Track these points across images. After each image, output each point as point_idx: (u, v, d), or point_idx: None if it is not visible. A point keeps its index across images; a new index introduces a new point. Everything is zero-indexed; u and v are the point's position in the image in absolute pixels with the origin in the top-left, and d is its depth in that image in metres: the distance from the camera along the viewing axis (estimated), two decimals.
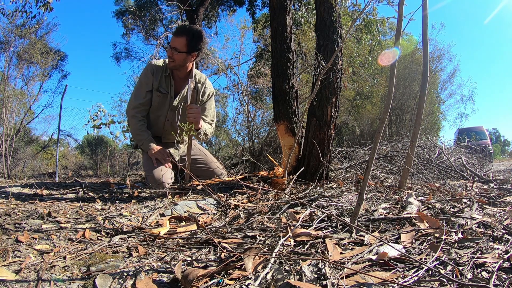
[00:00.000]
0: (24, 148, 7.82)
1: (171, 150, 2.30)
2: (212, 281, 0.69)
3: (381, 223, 1.03)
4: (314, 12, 4.37)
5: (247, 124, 3.68)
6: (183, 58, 2.06)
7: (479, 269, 0.68)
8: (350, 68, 4.87)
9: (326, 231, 0.98)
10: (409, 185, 1.81)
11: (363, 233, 0.92)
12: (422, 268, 0.68)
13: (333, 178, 2.03)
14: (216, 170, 2.34)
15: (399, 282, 0.62)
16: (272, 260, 0.75)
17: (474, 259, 0.72)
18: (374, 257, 0.76)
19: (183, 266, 0.78)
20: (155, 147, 2.10)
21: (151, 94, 2.13)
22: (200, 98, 2.26)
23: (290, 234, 0.92)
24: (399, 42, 1.13)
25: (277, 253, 0.79)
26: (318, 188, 1.66)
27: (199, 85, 2.24)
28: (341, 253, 0.81)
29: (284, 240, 0.87)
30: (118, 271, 0.75)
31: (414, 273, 0.67)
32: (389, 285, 0.62)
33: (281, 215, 1.19)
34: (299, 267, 0.72)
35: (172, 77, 2.15)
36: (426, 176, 2.31)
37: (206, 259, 0.83)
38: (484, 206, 1.26)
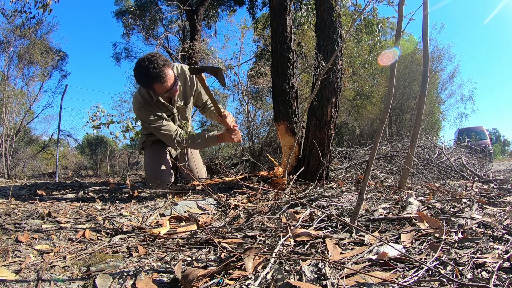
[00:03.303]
0: (24, 148, 7.81)
1: (172, 150, 2.30)
2: (212, 281, 0.69)
3: (381, 223, 1.03)
4: (314, 12, 4.37)
5: (247, 124, 3.68)
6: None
7: (479, 269, 0.68)
8: (350, 68, 4.87)
9: (326, 231, 0.98)
10: (409, 185, 1.81)
11: (363, 233, 0.92)
12: (422, 268, 0.68)
13: (333, 178, 2.03)
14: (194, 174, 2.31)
15: (399, 282, 0.62)
16: (272, 260, 0.75)
17: (474, 259, 0.72)
18: (374, 257, 0.76)
19: (183, 266, 0.78)
20: (219, 133, 2.09)
21: (162, 118, 2.03)
22: (195, 89, 2.18)
23: (290, 234, 0.92)
24: (399, 42, 1.13)
25: (277, 253, 0.79)
26: (318, 188, 1.66)
27: (187, 79, 2.11)
28: (341, 253, 0.81)
29: (284, 240, 0.87)
30: (118, 271, 0.75)
31: (414, 273, 0.67)
32: (389, 285, 0.62)
33: (281, 215, 1.19)
34: (299, 267, 0.72)
35: (160, 97, 2.00)
36: (426, 176, 2.31)
37: (206, 259, 0.83)
38: (484, 206, 1.26)
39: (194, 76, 2.12)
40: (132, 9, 10.79)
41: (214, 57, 4.01)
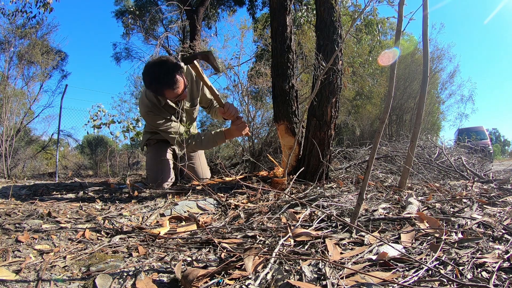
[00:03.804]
0: (24, 148, 7.81)
1: (176, 149, 2.30)
2: (212, 281, 0.69)
3: (381, 223, 1.03)
4: (314, 12, 4.36)
5: (247, 124, 3.68)
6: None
7: (479, 269, 0.68)
8: (350, 68, 4.87)
9: (326, 231, 0.98)
10: (409, 185, 1.81)
11: (363, 233, 0.92)
12: (422, 268, 0.68)
13: (333, 178, 2.03)
14: (199, 174, 2.31)
15: (399, 282, 0.62)
16: (272, 260, 0.75)
17: (474, 259, 0.72)
18: (374, 257, 0.76)
19: (183, 266, 0.78)
20: (225, 129, 2.10)
21: (170, 121, 2.02)
22: (200, 88, 2.13)
23: (290, 234, 0.92)
24: (399, 42, 1.13)
25: (277, 253, 0.79)
26: (318, 188, 1.66)
27: (194, 80, 2.08)
28: (341, 253, 0.81)
29: (284, 240, 0.87)
30: (118, 271, 0.75)
31: (414, 273, 0.67)
32: (389, 285, 0.62)
33: (281, 215, 1.19)
34: (299, 267, 0.72)
35: (168, 100, 1.98)
36: (426, 176, 2.31)
37: (206, 259, 0.83)
38: (484, 206, 1.26)
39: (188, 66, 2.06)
40: (132, 9, 10.81)
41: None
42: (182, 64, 2.06)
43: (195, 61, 1.79)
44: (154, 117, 1.97)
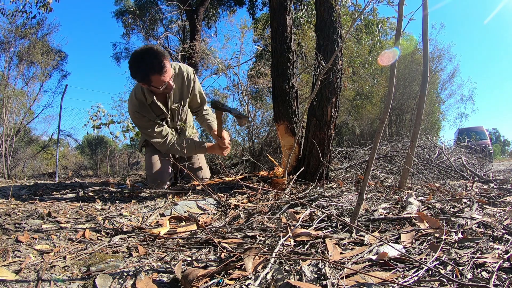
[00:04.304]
0: (24, 148, 7.81)
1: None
2: (212, 281, 0.69)
3: (381, 223, 1.03)
4: (314, 12, 4.37)
5: (247, 124, 3.68)
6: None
7: (479, 269, 0.68)
8: (350, 68, 4.87)
9: (326, 231, 0.98)
10: (409, 185, 1.81)
11: (363, 233, 0.92)
12: (422, 268, 0.68)
13: (333, 178, 2.03)
14: (198, 174, 2.31)
15: (399, 282, 0.62)
16: (272, 260, 0.75)
17: (474, 259, 0.72)
18: (374, 257, 0.76)
19: (183, 266, 0.78)
20: (210, 144, 2.15)
21: (155, 124, 2.02)
22: (191, 91, 2.12)
23: (290, 234, 0.92)
24: (399, 42, 1.13)
25: (277, 253, 0.79)
26: (318, 188, 1.66)
27: (185, 80, 2.05)
28: (341, 253, 0.81)
29: (284, 240, 0.87)
30: (118, 271, 0.75)
31: (414, 273, 0.67)
32: (389, 285, 0.62)
33: (281, 215, 1.19)
34: (299, 267, 0.72)
35: (155, 98, 1.96)
36: (426, 176, 2.31)
37: (206, 259, 0.83)
38: (484, 206, 1.26)
39: (195, 80, 2.12)
40: (132, 9, 10.80)
41: (214, 57, 4.01)
42: (177, 63, 2.07)
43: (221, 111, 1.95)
44: (140, 118, 1.98)
